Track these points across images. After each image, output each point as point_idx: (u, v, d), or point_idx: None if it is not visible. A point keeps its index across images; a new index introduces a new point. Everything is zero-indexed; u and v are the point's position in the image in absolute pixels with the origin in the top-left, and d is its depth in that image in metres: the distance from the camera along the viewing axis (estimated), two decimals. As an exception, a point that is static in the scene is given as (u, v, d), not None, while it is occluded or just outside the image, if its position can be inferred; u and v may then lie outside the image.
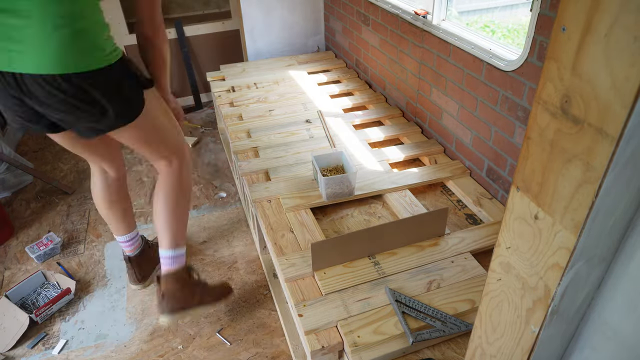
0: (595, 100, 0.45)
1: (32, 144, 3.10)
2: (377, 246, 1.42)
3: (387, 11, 2.19)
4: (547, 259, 0.55)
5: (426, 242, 1.46)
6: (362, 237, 1.38)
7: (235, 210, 2.37)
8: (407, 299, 1.25)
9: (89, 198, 2.52)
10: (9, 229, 2.26)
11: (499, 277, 0.66)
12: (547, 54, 0.50)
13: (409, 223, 1.43)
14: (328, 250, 1.35)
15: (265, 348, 1.66)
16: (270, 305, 1.81)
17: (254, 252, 2.09)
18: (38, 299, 1.89)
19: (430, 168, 1.84)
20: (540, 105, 0.52)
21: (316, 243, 1.33)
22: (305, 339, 1.19)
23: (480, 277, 1.33)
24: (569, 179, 0.50)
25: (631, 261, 0.53)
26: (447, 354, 1.17)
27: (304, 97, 2.44)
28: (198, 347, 1.68)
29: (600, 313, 0.58)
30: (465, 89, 1.74)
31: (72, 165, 2.83)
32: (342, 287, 1.31)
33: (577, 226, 0.50)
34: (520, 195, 0.57)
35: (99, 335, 1.75)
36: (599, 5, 0.42)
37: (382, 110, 2.30)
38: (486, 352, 0.73)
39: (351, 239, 1.37)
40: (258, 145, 2.02)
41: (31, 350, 1.71)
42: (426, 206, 1.68)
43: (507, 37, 5.09)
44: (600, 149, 0.45)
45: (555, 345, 0.64)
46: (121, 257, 2.11)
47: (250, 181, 1.81)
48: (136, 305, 1.86)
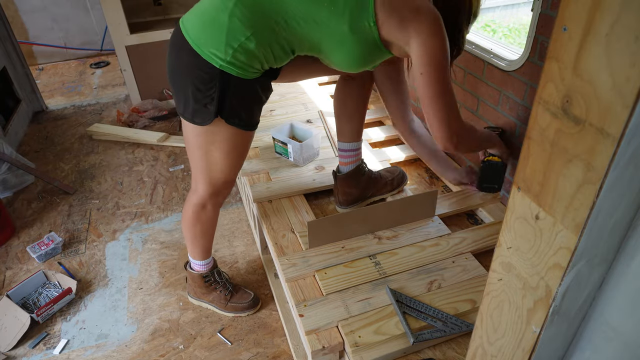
0: (596, 100, 0.45)
1: (34, 143, 3.10)
2: (370, 226, 1.49)
3: (388, 11, 2.19)
4: (548, 259, 0.55)
5: (427, 242, 1.46)
6: (356, 217, 1.45)
7: (236, 210, 2.37)
8: (408, 299, 1.25)
9: (90, 198, 2.53)
10: (10, 228, 2.27)
11: (500, 277, 0.66)
12: (548, 53, 0.50)
13: (400, 204, 1.51)
14: (324, 229, 1.43)
15: (266, 348, 1.66)
16: (271, 305, 1.81)
17: (254, 252, 2.09)
18: (39, 298, 1.89)
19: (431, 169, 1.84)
20: (541, 105, 0.52)
21: (313, 221, 1.41)
22: (306, 339, 1.19)
23: (481, 277, 1.33)
24: (570, 179, 0.50)
25: (632, 261, 0.53)
26: (448, 354, 1.17)
27: (305, 97, 2.44)
28: (199, 347, 1.68)
29: (602, 313, 0.58)
30: (466, 89, 1.74)
31: (73, 165, 2.83)
32: (343, 287, 1.31)
33: (578, 226, 0.50)
34: (521, 195, 0.57)
35: (100, 335, 1.76)
36: (600, 4, 0.42)
37: (383, 110, 2.30)
38: (487, 352, 0.73)
39: (345, 218, 1.45)
40: (259, 145, 2.02)
41: (32, 350, 1.71)
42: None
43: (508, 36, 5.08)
44: (601, 149, 0.45)
45: (557, 345, 0.63)
46: (122, 257, 2.11)
47: (251, 181, 1.81)
48: (137, 305, 1.87)
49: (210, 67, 1.16)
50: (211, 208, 1.50)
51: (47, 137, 3.19)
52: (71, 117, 3.44)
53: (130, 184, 2.63)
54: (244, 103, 1.25)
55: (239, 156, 1.38)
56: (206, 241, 1.61)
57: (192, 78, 1.20)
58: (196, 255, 1.65)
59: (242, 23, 1.13)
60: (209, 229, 1.58)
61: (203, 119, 1.25)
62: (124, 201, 2.49)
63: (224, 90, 1.19)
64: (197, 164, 1.38)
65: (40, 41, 4.36)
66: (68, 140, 3.13)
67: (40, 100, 3.54)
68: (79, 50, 4.54)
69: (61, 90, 3.94)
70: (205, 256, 1.66)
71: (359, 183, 1.62)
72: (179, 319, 1.79)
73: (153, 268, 2.04)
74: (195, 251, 1.64)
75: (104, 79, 4.13)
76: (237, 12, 1.13)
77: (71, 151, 2.99)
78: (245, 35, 1.13)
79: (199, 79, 1.19)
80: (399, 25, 1.13)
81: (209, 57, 1.16)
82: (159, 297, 1.89)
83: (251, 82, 1.22)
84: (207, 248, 1.64)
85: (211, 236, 1.62)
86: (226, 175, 1.41)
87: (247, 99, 1.25)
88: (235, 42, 1.14)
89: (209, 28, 1.16)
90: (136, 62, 3.19)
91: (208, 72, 1.17)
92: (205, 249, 1.64)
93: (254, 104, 1.29)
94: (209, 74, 1.17)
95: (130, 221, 2.34)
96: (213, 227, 1.59)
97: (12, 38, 3.28)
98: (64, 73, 4.29)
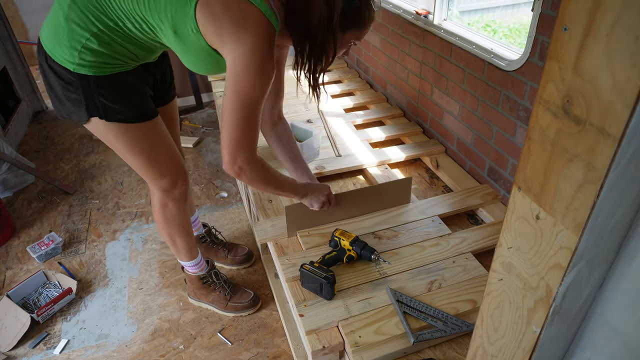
0: (596, 100, 0.45)
1: (34, 143, 3.10)
2: (346, 211, 1.54)
3: (388, 11, 2.19)
4: (549, 259, 0.55)
5: (427, 242, 1.46)
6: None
7: (236, 210, 2.37)
8: (408, 299, 1.25)
9: (90, 198, 2.53)
10: (10, 228, 2.27)
11: (500, 277, 0.66)
12: (549, 53, 0.50)
13: (376, 190, 1.54)
14: (302, 214, 1.46)
15: (267, 348, 1.66)
16: (272, 305, 1.81)
17: (255, 252, 2.09)
18: (39, 298, 1.89)
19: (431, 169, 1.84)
20: (541, 105, 0.52)
21: (290, 206, 1.43)
22: (306, 339, 1.19)
23: (481, 277, 1.33)
24: (570, 179, 0.50)
25: (633, 261, 0.53)
26: (449, 354, 1.17)
27: (305, 97, 2.44)
28: (199, 347, 1.68)
29: (602, 313, 0.58)
30: (466, 89, 1.74)
31: (73, 165, 2.83)
32: (343, 287, 1.31)
33: (579, 226, 0.50)
34: (522, 195, 0.57)
35: (100, 335, 1.76)
36: (601, 4, 0.42)
37: (383, 110, 2.30)
38: (487, 352, 0.73)
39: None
40: (259, 145, 2.02)
41: (32, 350, 1.71)
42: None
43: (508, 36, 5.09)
44: (602, 149, 0.45)
45: (557, 345, 0.63)
46: (122, 257, 2.11)
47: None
48: (137, 305, 1.87)
49: (67, 71, 1.17)
50: (172, 205, 1.50)
51: (47, 137, 3.19)
52: (71, 117, 3.44)
53: (131, 184, 2.63)
54: (117, 97, 1.23)
55: (150, 150, 1.35)
56: (184, 240, 1.61)
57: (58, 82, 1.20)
58: (182, 256, 1.65)
59: (79, 26, 1.12)
60: (180, 226, 1.57)
61: (79, 117, 1.25)
62: (124, 201, 2.49)
63: (87, 90, 1.19)
64: (131, 165, 1.40)
65: (40, 41, 4.35)
66: (68, 140, 3.13)
67: (40, 100, 3.54)
68: (79, 50, 4.53)
69: (61, 90, 3.94)
70: (191, 256, 1.66)
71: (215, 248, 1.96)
72: (179, 319, 1.79)
73: (153, 268, 2.04)
74: (179, 253, 1.64)
75: (104, 79, 4.13)
76: (73, 16, 1.12)
77: (71, 151, 2.99)
78: (84, 37, 1.13)
79: (63, 83, 1.20)
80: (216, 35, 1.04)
81: (62, 62, 1.16)
82: (159, 297, 1.89)
83: (116, 77, 1.20)
84: (188, 246, 1.63)
85: (187, 233, 1.61)
86: (157, 171, 1.39)
87: (119, 93, 1.23)
88: (78, 44, 1.13)
89: (55, 33, 1.16)
90: (136, 62, 3.18)
91: (67, 75, 1.18)
92: (187, 248, 1.63)
93: (132, 96, 1.26)
94: (68, 77, 1.18)
95: (130, 221, 2.34)
96: (184, 223, 1.58)
97: (12, 38, 3.28)
98: (64, 73, 4.29)
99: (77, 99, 1.21)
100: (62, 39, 1.14)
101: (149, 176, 1.42)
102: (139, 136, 1.32)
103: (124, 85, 1.24)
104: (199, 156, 2.85)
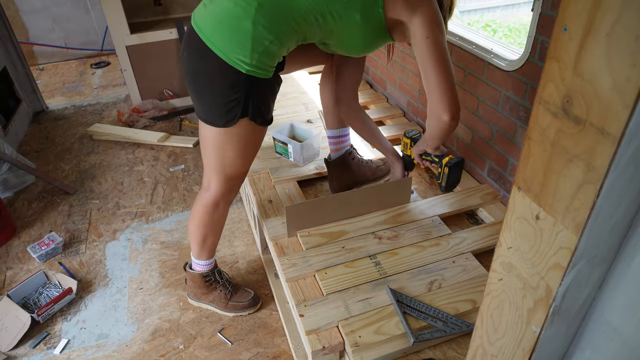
0: (596, 100, 0.45)
1: (34, 143, 3.11)
2: (346, 211, 1.54)
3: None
4: (549, 259, 0.55)
5: (427, 242, 1.46)
6: (332, 202, 1.51)
7: (236, 210, 2.37)
8: (408, 299, 1.25)
9: (91, 198, 2.53)
10: (11, 228, 2.27)
11: (500, 277, 0.66)
12: (549, 53, 0.50)
13: (376, 190, 1.56)
14: (302, 214, 1.47)
15: (267, 348, 1.66)
16: (272, 305, 1.81)
17: (255, 252, 2.09)
18: (40, 298, 1.89)
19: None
20: (541, 105, 0.52)
21: (290, 206, 1.44)
22: (306, 339, 1.19)
23: (481, 277, 1.33)
24: (570, 179, 0.50)
25: (632, 261, 0.53)
26: (449, 354, 1.17)
27: (305, 97, 2.44)
28: (199, 347, 1.68)
29: (602, 313, 0.58)
30: (466, 89, 1.74)
31: (73, 165, 2.83)
32: (343, 287, 1.31)
33: (579, 226, 0.50)
34: (522, 195, 0.57)
35: (101, 335, 1.76)
36: (601, 4, 0.42)
37: (384, 110, 2.30)
38: (487, 352, 0.73)
39: (322, 203, 1.50)
40: (262, 146, 2.02)
41: (33, 350, 1.71)
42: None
43: (508, 36, 5.08)
44: (602, 149, 0.45)
45: (557, 345, 0.63)
46: (122, 257, 2.11)
47: (251, 181, 1.81)
48: (137, 304, 1.87)
49: (236, 73, 1.20)
50: (223, 206, 1.51)
51: (47, 137, 3.19)
52: (71, 117, 3.44)
53: (131, 184, 2.63)
54: (266, 101, 1.30)
55: (254, 150, 1.42)
56: (215, 240, 1.63)
57: (217, 84, 1.23)
58: (202, 255, 1.65)
59: (265, 29, 1.17)
60: (219, 227, 1.59)
61: (226, 122, 1.27)
62: (125, 201, 2.49)
63: (249, 93, 1.23)
64: (212, 163, 1.40)
65: (40, 41, 4.36)
66: (68, 140, 3.13)
67: (40, 100, 3.54)
68: (79, 50, 4.54)
69: (62, 90, 3.94)
70: (211, 255, 1.67)
71: (350, 168, 1.72)
72: (179, 319, 1.79)
73: (153, 268, 2.04)
74: (202, 251, 1.64)
75: (105, 79, 4.13)
76: (260, 19, 1.16)
77: (71, 151, 2.99)
78: (268, 39, 1.18)
79: (225, 85, 1.22)
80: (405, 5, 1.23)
81: (235, 63, 1.19)
82: (160, 297, 1.89)
83: (270, 80, 1.26)
84: (214, 247, 1.66)
85: (219, 235, 1.63)
86: (239, 169, 1.43)
87: (268, 97, 1.31)
88: (260, 47, 1.18)
89: (233, 35, 1.18)
90: (136, 62, 3.19)
91: (234, 77, 1.20)
92: (212, 249, 1.65)
93: (272, 100, 1.34)
94: (234, 79, 1.21)
95: (130, 221, 2.34)
96: (222, 225, 1.60)
97: (12, 38, 3.29)
98: (65, 73, 4.29)
99: (235, 99, 1.23)
100: (244, 41, 1.17)
101: (229, 173, 1.41)
102: (259, 138, 1.39)
103: (272, 88, 1.30)
104: (199, 156, 2.85)
